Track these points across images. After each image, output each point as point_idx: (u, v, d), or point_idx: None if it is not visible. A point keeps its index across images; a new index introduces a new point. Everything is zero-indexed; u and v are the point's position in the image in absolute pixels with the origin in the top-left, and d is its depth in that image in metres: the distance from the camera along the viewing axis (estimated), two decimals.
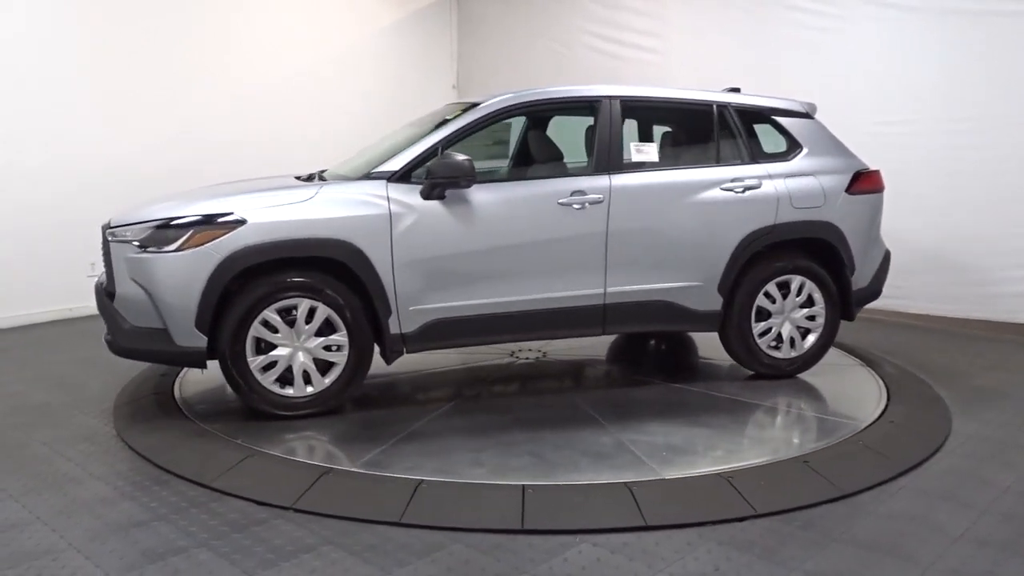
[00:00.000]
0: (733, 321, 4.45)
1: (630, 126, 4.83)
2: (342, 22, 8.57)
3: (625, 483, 3.18)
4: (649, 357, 5.48)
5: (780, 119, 4.63)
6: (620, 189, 4.19)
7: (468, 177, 3.90)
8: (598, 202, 4.13)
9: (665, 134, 4.95)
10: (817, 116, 4.81)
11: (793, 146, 4.60)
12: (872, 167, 4.76)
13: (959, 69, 6.23)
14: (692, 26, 7.82)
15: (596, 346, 5.38)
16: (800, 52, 7.00)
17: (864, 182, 4.65)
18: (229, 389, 4.10)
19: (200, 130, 7.31)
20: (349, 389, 4.01)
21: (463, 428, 3.87)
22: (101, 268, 4.25)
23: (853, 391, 4.49)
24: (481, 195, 4.03)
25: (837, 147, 4.73)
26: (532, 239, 4.08)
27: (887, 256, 4.93)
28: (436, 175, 3.89)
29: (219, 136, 7.43)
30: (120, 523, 2.95)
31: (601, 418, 3.96)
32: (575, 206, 4.11)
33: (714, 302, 4.38)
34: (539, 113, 4.76)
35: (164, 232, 3.75)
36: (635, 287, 4.25)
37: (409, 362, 4.96)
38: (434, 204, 3.94)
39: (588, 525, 2.90)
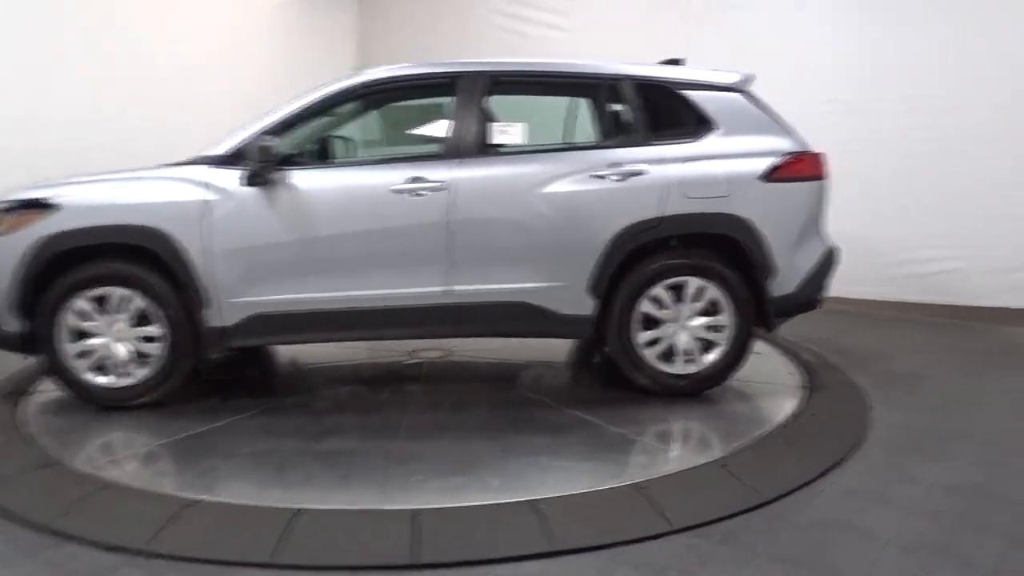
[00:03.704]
0: (611, 328, 3.91)
1: (529, 104, 4.49)
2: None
3: (529, 501, 2.86)
4: (590, 371, 4.78)
5: (689, 93, 3.95)
6: (466, 177, 3.78)
7: (269, 162, 3.68)
8: (438, 190, 3.75)
9: (550, 113, 4.62)
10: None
11: (704, 125, 3.93)
12: (813, 149, 3.99)
13: (920, 50, 6.07)
14: (603, 1, 7.61)
15: (533, 348, 4.87)
16: (722, 27, 6.80)
17: (791, 168, 3.89)
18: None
19: (84, 122, 6.62)
20: (169, 381, 3.84)
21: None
22: None
23: (771, 382, 4.29)
24: (309, 181, 3.76)
25: (766, 126, 3.98)
26: (361, 229, 3.75)
27: (829, 256, 4.06)
28: (250, 160, 3.67)
29: (105, 128, 6.74)
30: None
31: (403, 431, 3.61)
32: (407, 195, 3.75)
33: (584, 306, 3.87)
34: (394, 92, 4.37)
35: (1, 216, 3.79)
36: (485, 286, 3.81)
37: (309, 353, 4.82)
38: (255, 190, 3.71)
39: (490, 555, 2.57)
